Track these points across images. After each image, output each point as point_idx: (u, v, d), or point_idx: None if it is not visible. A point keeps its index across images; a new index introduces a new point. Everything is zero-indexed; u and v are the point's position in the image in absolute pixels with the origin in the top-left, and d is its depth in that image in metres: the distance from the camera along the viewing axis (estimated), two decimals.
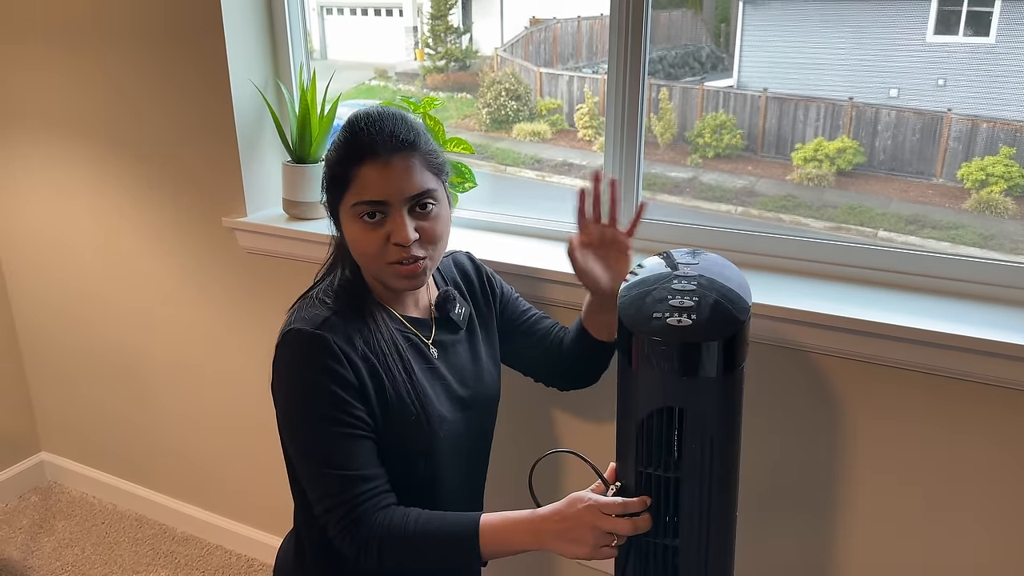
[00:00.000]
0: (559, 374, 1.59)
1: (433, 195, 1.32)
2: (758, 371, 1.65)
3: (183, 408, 2.64)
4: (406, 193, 1.28)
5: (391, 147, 1.28)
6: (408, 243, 1.28)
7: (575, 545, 1.17)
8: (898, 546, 1.65)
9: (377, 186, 1.27)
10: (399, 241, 1.28)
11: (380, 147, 1.27)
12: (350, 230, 1.31)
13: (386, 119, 1.30)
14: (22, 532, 2.80)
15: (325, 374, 1.26)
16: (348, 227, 1.32)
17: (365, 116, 1.31)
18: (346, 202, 1.30)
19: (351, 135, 1.30)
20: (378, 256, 1.30)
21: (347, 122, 1.33)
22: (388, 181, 1.27)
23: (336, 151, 1.32)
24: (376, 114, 1.31)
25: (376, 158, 1.27)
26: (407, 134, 1.30)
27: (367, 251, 1.30)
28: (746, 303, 1.14)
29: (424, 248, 1.31)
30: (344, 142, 1.31)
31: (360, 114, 1.32)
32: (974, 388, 1.50)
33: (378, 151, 1.27)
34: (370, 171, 1.27)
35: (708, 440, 1.10)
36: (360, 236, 1.30)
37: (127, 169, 2.43)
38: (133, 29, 2.24)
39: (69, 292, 2.74)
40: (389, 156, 1.27)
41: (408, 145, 1.29)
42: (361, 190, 1.28)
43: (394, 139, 1.28)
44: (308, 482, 1.30)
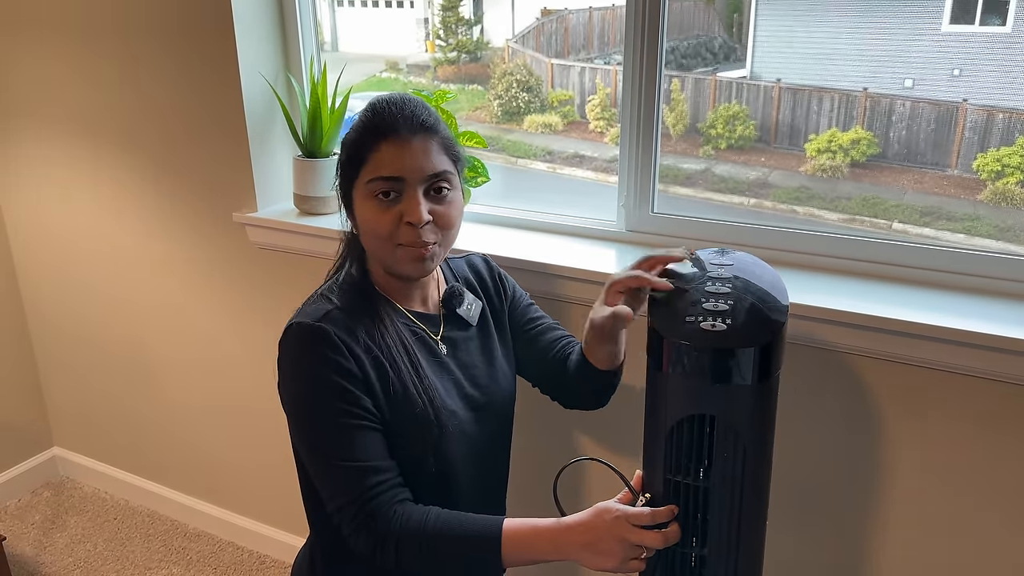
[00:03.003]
0: (561, 392, 1.54)
1: (449, 179, 1.30)
2: (787, 370, 1.64)
3: (195, 404, 2.64)
4: (424, 171, 1.27)
5: (411, 127, 1.27)
6: (421, 223, 1.26)
7: (603, 558, 1.15)
8: (932, 548, 1.63)
9: (394, 162, 1.26)
10: (412, 220, 1.25)
11: (401, 126, 1.26)
12: (363, 210, 1.29)
13: (407, 102, 1.30)
14: (34, 527, 2.80)
15: (327, 366, 1.24)
16: (361, 207, 1.29)
17: (387, 98, 1.30)
18: (361, 179, 1.28)
19: (372, 115, 1.29)
20: (389, 237, 1.27)
21: (368, 104, 1.32)
22: (406, 158, 1.26)
23: (355, 132, 1.30)
24: (398, 97, 1.30)
25: (396, 136, 1.26)
26: (428, 117, 1.29)
27: (379, 230, 1.27)
28: (783, 306, 1.12)
29: (436, 233, 1.29)
30: (364, 122, 1.29)
31: (381, 97, 1.32)
32: (1008, 389, 1.48)
33: (399, 129, 1.26)
34: (388, 148, 1.26)
35: (740, 449, 1.08)
36: (373, 215, 1.27)
37: (137, 164, 2.41)
38: (142, 23, 2.22)
39: (80, 288, 2.73)
40: (410, 135, 1.26)
41: (428, 128, 1.28)
42: (378, 166, 1.26)
43: (415, 119, 1.27)
44: (319, 479, 1.28)
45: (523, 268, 1.83)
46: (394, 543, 1.21)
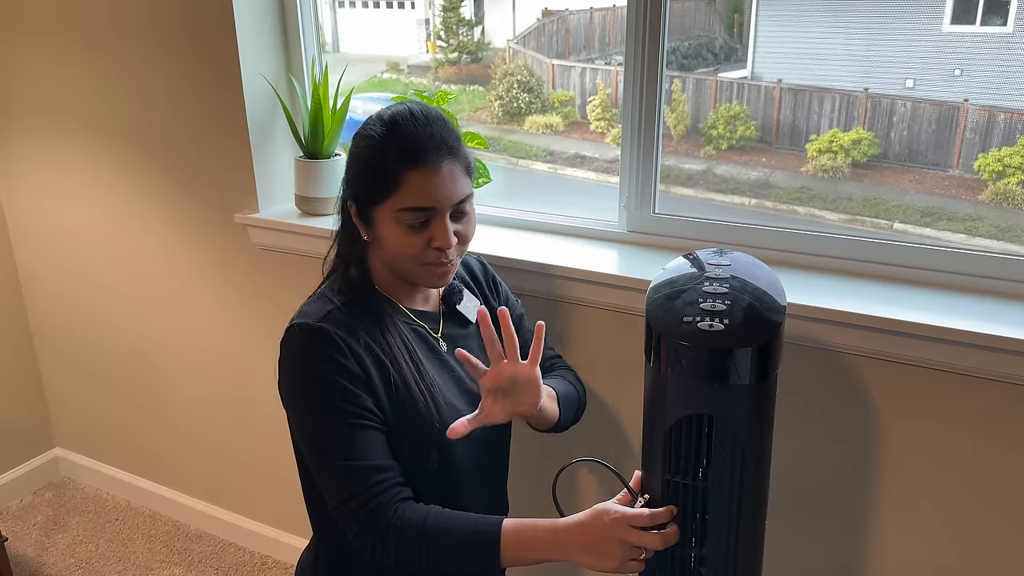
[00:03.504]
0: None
1: (470, 199, 1.32)
2: (787, 371, 1.64)
3: (196, 404, 2.64)
4: (453, 200, 1.27)
5: (439, 152, 1.26)
6: (449, 245, 1.28)
7: (602, 559, 1.15)
8: (930, 548, 1.63)
9: (428, 193, 1.25)
10: (442, 246, 1.27)
11: (431, 152, 1.25)
12: (389, 233, 1.29)
13: (433, 122, 1.28)
14: (36, 528, 2.80)
15: (329, 365, 1.25)
16: (387, 229, 1.29)
17: (410, 114, 1.28)
18: (390, 205, 1.27)
19: (399, 136, 1.27)
20: (416, 258, 1.29)
21: (389, 119, 1.29)
22: (438, 188, 1.25)
23: (378, 149, 1.27)
24: (422, 116, 1.28)
25: (427, 164, 1.25)
26: (452, 140, 1.28)
27: (408, 254, 1.29)
28: (780, 306, 1.12)
29: (457, 249, 1.32)
30: (390, 143, 1.27)
31: (402, 111, 1.29)
32: (1008, 389, 1.48)
33: (428, 157, 1.25)
34: (420, 176, 1.25)
35: (739, 449, 1.08)
36: (402, 239, 1.28)
37: (139, 165, 2.41)
38: (144, 25, 2.22)
39: (82, 289, 2.73)
40: (438, 162, 1.25)
41: (454, 152, 1.28)
42: (410, 196, 1.25)
43: (443, 144, 1.26)
44: (320, 478, 1.29)
45: (524, 269, 1.82)
46: (394, 542, 1.22)
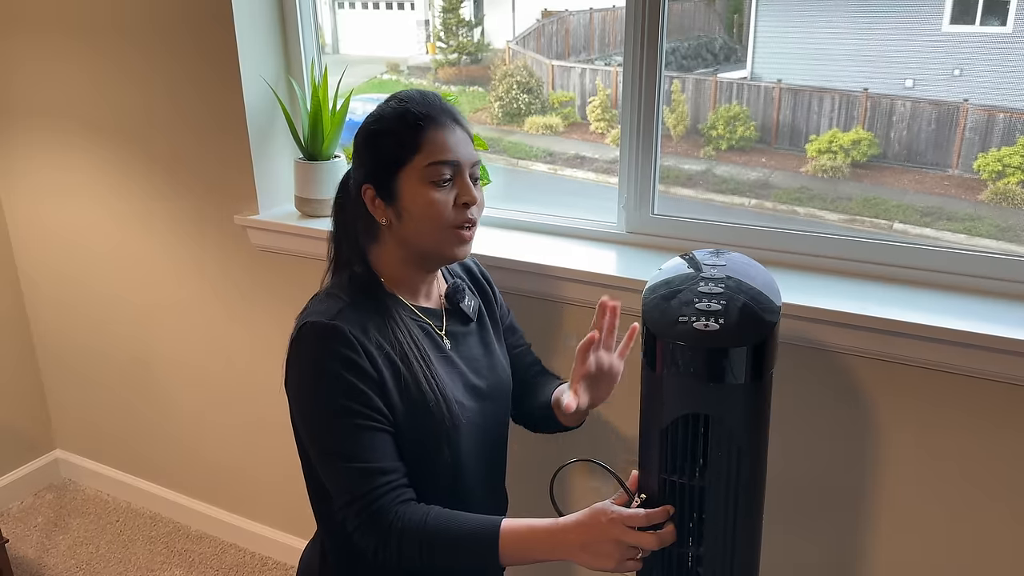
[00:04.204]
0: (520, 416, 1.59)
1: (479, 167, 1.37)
2: (782, 371, 1.64)
3: (197, 406, 2.64)
4: (472, 157, 1.34)
5: (451, 117, 1.32)
6: (476, 201, 1.32)
7: (599, 559, 1.16)
8: (925, 549, 1.63)
9: (449, 148, 1.30)
10: (469, 200, 1.31)
11: (443, 114, 1.31)
12: (420, 195, 1.30)
13: (434, 96, 1.35)
14: (37, 530, 2.81)
15: (341, 363, 1.25)
16: (416, 193, 1.30)
17: (412, 92, 1.35)
18: (415, 165, 1.29)
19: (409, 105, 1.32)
20: (447, 221, 1.31)
21: (393, 99, 1.35)
22: (459, 144, 1.31)
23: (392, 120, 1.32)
24: (419, 92, 1.35)
25: (444, 124, 1.31)
26: (455, 111, 1.35)
27: (439, 214, 1.31)
28: (775, 306, 1.12)
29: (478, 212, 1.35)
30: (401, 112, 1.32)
31: (405, 92, 1.36)
32: (1007, 389, 1.48)
33: (441, 118, 1.31)
34: (441, 134, 1.30)
35: (734, 448, 1.08)
36: (433, 199, 1.30)
37: (139, 168, 2.42)
38: (143, 25, 2.23)
39: (82, 290, 2.74)
40: (453, 124, 1.32)
41: (458, 120, 1.34)
42: (435, 151, 1.29)
43: (450, 110, 1.33)
44: (327, 477, 1.30)
45: (524, 270, 1.83)
46: (396, 543, 1.23)
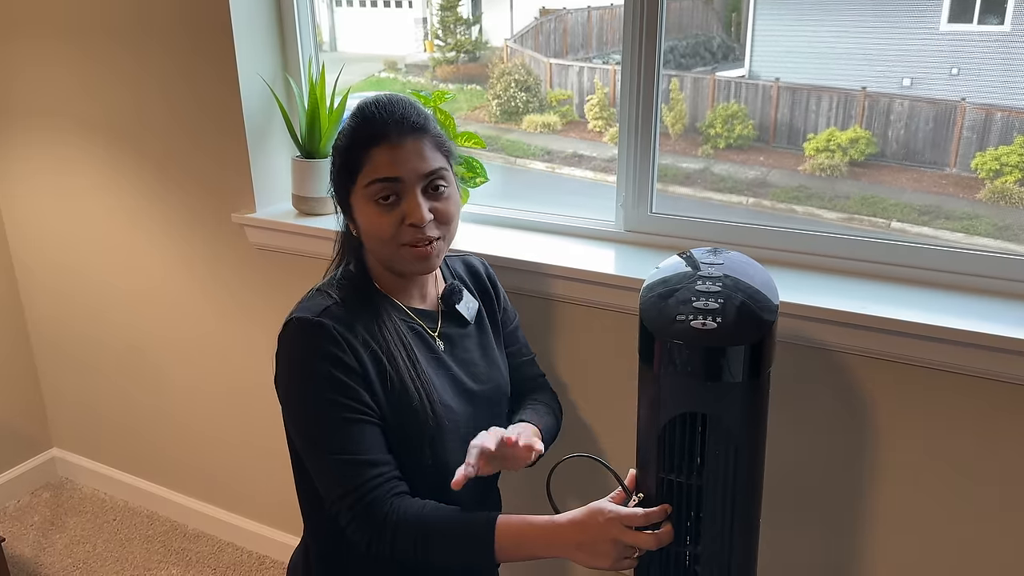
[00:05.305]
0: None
1: (444, 175, 1.32)
2: (780, 370, 1.63)
3: (194, 405, 2.64)
4: (420, 171, 1.29)
5: (402, 130, 1.28)
6: (423, 223, 1.28)
7: (596, 558, 1.16)
8: (923, 549, 1.63)
9: (390, 165, 1.27)
10: (415, 221, 1.28)
11: (392, 129, 1.28)
12: (364, 214, 1.30)
13: (395, 104, 1.31)
14: (33, 529, 2.80)
15: (326, 359, 1.25)
16: (361, 212, 1.31)
17: (374, 102, 1.31)
18: (358, 185, 1.29)
19: (361, 120, 1.30)
20: (393, 239, 1.29)
21: (356, 109, 1.33)
22: (402, 161, 1.28)
23: (346, 137, 1.31)
24: (385, 99, 1.32)
25: (388, 140, 1.28)
26: (417, 118, 1.31)
27: (382, 234, 1.29)
28: (773, 305, 1.12)
29: (438, 228, 1.31)
30: (354, 128, 1.31)
31: (369, 100, 1.32)
32: (1006, 388, 1.47)
33: (389, 134, 1.28)
34: (382, 153, 1.27)
35: (732, 447, 1.08)
36: (375, 219, 1.29)
37: (136, 165, 2.41)
38: (140, 24, 2.22)
39: (80, 289, 2.73)
40: (401, 138, 1.28)
41: (418, 128, 1.30)
42: (374, 170, 1.28)
43: (405, 122, 1.29)
44: (316, 473, 1.29)
45: (521, 268, 1.82)
46: (390, 536, 1.23)
